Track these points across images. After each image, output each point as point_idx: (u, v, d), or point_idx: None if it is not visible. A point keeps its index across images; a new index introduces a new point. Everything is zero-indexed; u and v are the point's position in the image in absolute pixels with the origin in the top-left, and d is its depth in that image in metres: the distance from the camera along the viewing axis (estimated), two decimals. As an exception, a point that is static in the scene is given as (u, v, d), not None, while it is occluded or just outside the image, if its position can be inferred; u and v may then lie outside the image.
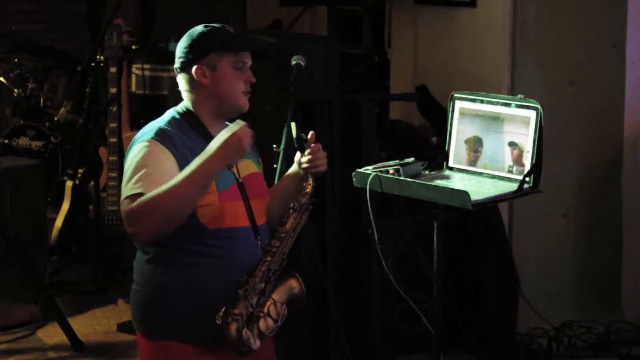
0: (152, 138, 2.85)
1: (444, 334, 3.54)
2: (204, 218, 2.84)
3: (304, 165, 3.01)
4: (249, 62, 2.97)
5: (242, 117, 3.00)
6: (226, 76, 2.92)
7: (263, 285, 2.85)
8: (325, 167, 3.05)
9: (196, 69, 2.91)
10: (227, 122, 3.02)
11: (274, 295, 2.88)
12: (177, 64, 2.96)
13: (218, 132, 2.95)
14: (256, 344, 2.81)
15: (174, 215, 2.76)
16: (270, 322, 2.86)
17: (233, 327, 2.77)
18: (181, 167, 2.81)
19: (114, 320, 5.20)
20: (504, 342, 4.71)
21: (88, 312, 5.33)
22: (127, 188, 2.79)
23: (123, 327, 5.06)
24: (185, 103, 2.98)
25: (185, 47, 2.93)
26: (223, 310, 2.77)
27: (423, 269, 4.03)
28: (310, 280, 3.00)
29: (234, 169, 2.93)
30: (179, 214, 2.76)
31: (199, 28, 2.96)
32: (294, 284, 2.95)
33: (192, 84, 2.94)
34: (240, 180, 2.95)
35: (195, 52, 2.91)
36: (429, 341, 3.52)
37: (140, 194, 2.75)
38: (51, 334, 5.01)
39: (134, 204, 2.74)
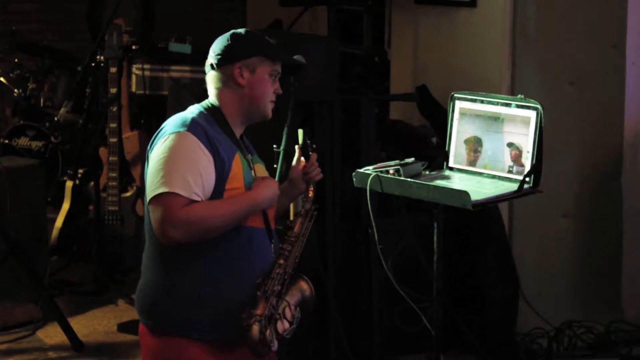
0: (187, 130, 2.85)
1: (444, 334, 3.54)
2: None
3: (305, 176, 3.10)
4: (280, 74, 3.01)
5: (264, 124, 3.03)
6: (262, 81, 2.96)
7: (279, 288, 2.89)
8: (321, 175, 3.14)
9: (235, 68, 2.93)
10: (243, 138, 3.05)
11: (287, 298, 2.91)
12: (213, 60, 2.96)
13: (239, 134, 2.97)
14: (275, 345, 2.86)
15: (212, 234, 2.84)
16: (286, 324, 2.89)
17: (256, 328, 2.81)
18: (214, 159, 2.84)
19: (114, 320, 5.20)
20: (504, 342, 4.71)
21: (88, 312, 5.33)
22: (157, 184, 2.80)
23: (123, 327, 5.07)
24: (212, 100, 2.99)
25: (228, 45, 2.95)
26: (245, 311, 2.80)
27: (423, 269, 4.03)
28: (311, 280, 3.01)
29: (253, 172, 2.96)
30: (216, 234, 2.84)
31: (241, 30, 2.99)
32: (304, 287, 2.99)
33: (227, 82, 2.96)
34: None
35: (238, 52, 2.94)
36: (429, 341, 3.53)
37: (180, 196, 2.76)
38: (51, 334, 5.01)
39: (179, 210, 2.76)
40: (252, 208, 2.88)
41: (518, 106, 3.37)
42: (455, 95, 3.54)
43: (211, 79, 2.98)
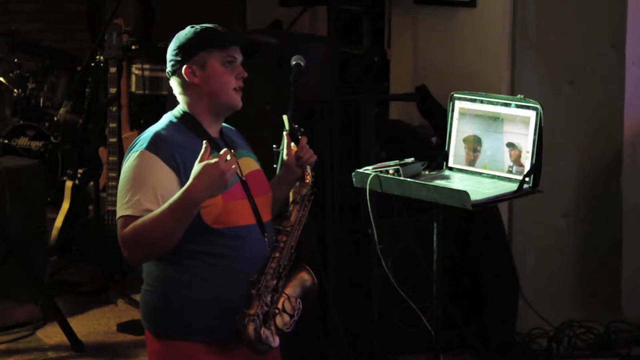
0: (145, 148, 2.86)
1: (444, 334, 3.54)
2: (209, 218, 2.85)
3: (299, 161, 3.05)
4: (239, 57, 2.97)
5: (237, 115, 3.01)
6: (215, 73, 2.93)
7: (275, 282, 2.87)
8: (315, 157, 3.09)
9: (186, 69, 2.92)
10: (224, 124, 3.04)
11: (287, 290, 2.90)
12: (168, 68, 2.98)
13: (216, 132, 2.96)
14: (275, 341, 2.84)
15: (159, 245, 2.80)
16: (286, 317, 2.87)
17: (250, 328, 2.79)
18: (176, 172, 2.82)
19: (114, 320, 5.20)
20: (504, 342, 4.71)
21: (88, 312, 5.33)
22: (119, 206, 2.85)
23: (123, 327, 5.06)
24: (181, 106, 2.99)
25: (174, 50, 2.96)
26: (239, 312, 2.79)
27: (423, 269, 4.03)
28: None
29: (237, 170, 2.94)
30: (164, 244, 2.80)
31: (185, 30, 2.98)
32: (305, 277, 2.96)
33: (184, 85, 2.95)
34: (243, 178, 2.96)
35: (183, 53, 2.93)
36: (429, 341, 3.52)
37: (130, 217, 2.79)
38: (51, 334, 5.01)
39: (124, 230, 2.80)
40: (190, 201, 2.74)
41: (518, 106, 3.37)
42: (455, 95, 3.54)
43: (173, 86, 2.99)
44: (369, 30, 5.89)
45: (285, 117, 3.05)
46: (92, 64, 5.85)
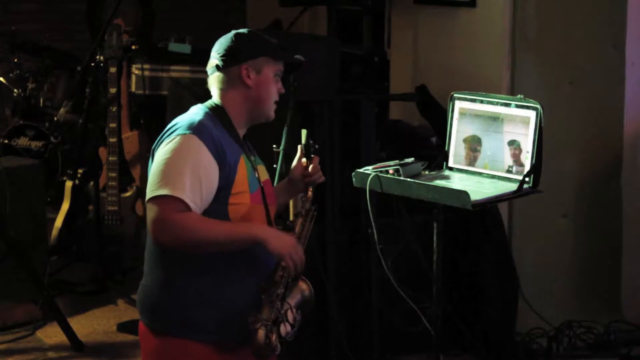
0: (192, 133, 2.82)
1: (444, 334, 3.54)
2: (235, 216, 2.85)
3: (306, 178, 3.07)
4: (283, 73, 3.00)
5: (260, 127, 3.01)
6: (268, 82, 2.94)
7: (282, 291, 2.87)
8: (323, 178, 3.11)
9: (242, 69, 2.91)
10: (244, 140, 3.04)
11: (289, 300, 2.91)
12: (217, 61, 2.93)
13: (242, 135, 2.98)
14: (279, 348, 2.84)
15: (198, 249, 2.81)
16: (288, 326, 2.88)
17: (261, 332, 2.80)
18: (218, 162, 2.81)
19: (114, 320, 5.20)
20: (504, 342, 4.71)
21: (88, 312, 5.32)
22: (159, 184, 2.77)
23: (123, 327, 5.07)
24: (216, 100, 2.96)
25: (232, 46, 2.92)
26: (251, 315, 2.80)
27: (423, 269, 4.03)
28: (311, 280, 3.00)
29: (257, 174, 2.94)
30: (198, 249, 2.81)
31: (245, 30, 2.97)
32: (303, 287, 2.98)
33: (232, 83, 2.93)
34: (262, 185, 2.96)
35: (244, 52, 2.92)
36: (429, 341, 3.53)
37: (172, 197, 2.74)
38: (51, 334, 5.01)
39: (168, 213, 2.74)
40: (250, 240, 2.81)
41: (518, 106, 3.37)
42: (455, 95, 3.54)
43: (215, 79, 2.95)
44: (369, 30, 5.89)
45: (304, 132, 3.06)
46: (92, 64, 5.84)
